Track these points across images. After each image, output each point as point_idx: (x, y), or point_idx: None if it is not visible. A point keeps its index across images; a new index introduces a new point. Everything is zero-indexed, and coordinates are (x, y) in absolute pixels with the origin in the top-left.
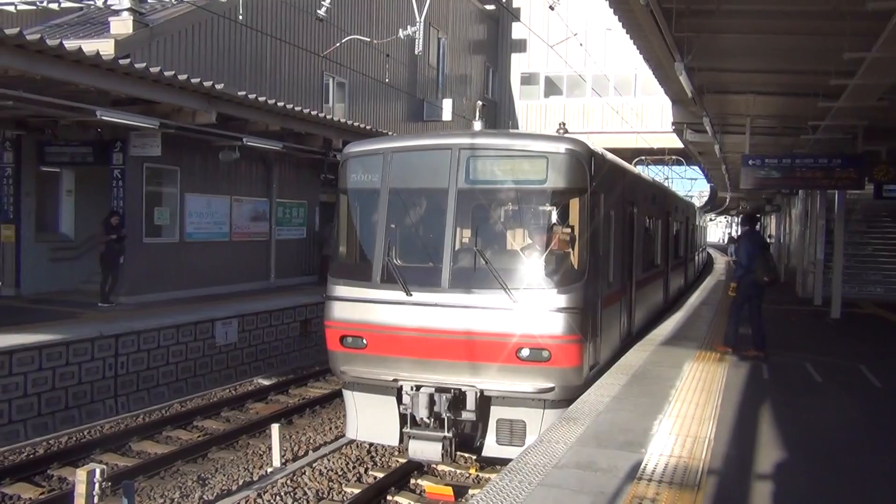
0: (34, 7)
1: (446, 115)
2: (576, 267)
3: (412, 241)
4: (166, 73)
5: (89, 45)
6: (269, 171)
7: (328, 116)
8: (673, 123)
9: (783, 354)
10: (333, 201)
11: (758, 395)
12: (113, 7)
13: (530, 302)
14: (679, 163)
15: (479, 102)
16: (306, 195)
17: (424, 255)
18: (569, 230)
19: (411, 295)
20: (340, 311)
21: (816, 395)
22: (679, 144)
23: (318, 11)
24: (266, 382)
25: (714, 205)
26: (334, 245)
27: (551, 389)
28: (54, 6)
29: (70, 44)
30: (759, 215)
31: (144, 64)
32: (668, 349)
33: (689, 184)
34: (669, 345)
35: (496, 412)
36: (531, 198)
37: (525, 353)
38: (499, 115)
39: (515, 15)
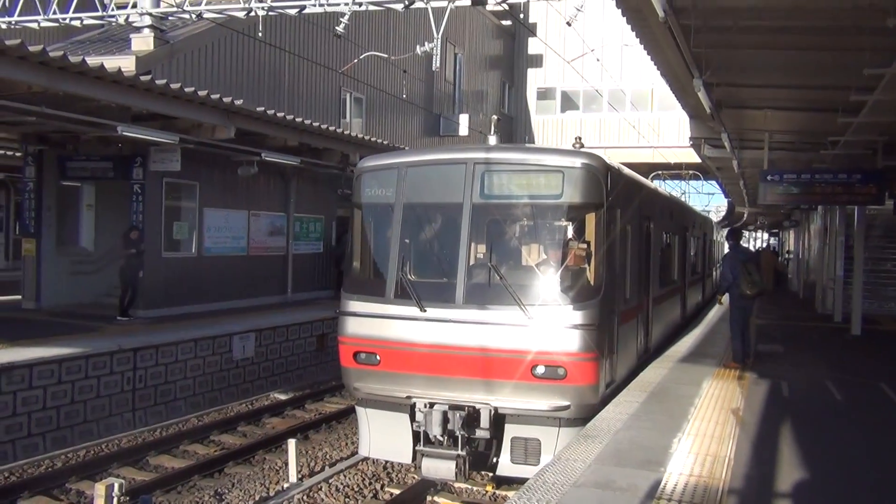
0: (57, 24)
1: (463, 130)
2: (592, 283)
3: (426, 257)
4: (186, 89)
5: (111, 62)
6: (287, 185)
7: (345, 132)
8: (691, 139)
9: (803, 372)
10: (349, 216)
11: (778, 413)
12: (134, 24)
13: (546, 318)
14: (696, 178)
15: (495, 117)
16: (323, 210)
17: (439, 270)
18: (585, 246)
19: (425, 311)
20: (354, 327)
21: (837, 414)
22: (696, 159)
23: (337, 28)
24: (282, 397)
25: (732, 220)
26: (348, 260)
27: (567, 407)
28: (77, 23)
29: (92, 60)
30: (743, 230)
31: (165, 80)
32: (686, 366)
33: (707, 199)
34: (688, 362)
35: (511, 430)
36: (547, 213)
37: (540, 370)
38: (515, 130)
39: (532, 30)
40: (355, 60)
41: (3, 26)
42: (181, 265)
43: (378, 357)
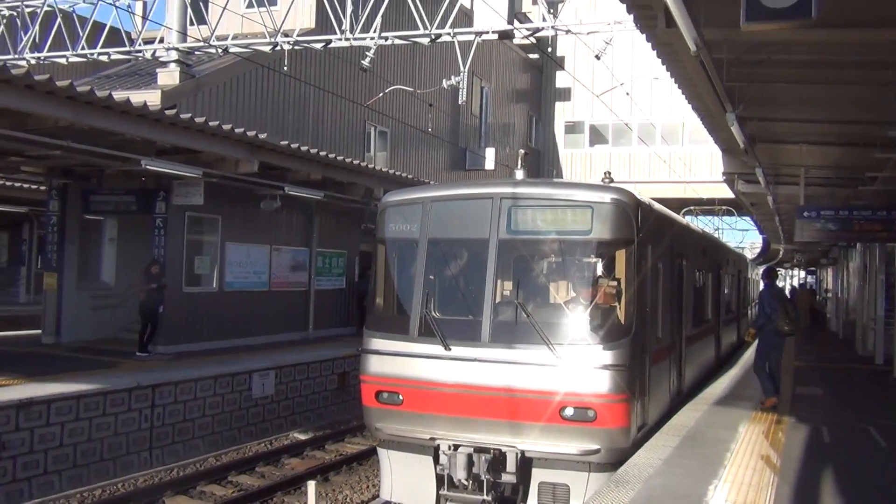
0: (85, 59)
1: (489, 164)
2: (622, 322)
3: (451, 293)
4: (211, 123)
5: (137, 96)
6: (310, 220)
7: (369, 165)
8: (724, 174)
9: (844, 416)
10: (373, 251)
11: (819, 460)
12: (161, 59)
13: (575, 358)
14: (730, 213)
15: (522, 151)
16: (346, 245)
17: (464, 307)
18: (615, 283)
19: (450, 349)
20: (376, 366)
21: (882, 461)
22: (729, 194)
23: (363, 62)
24: (302, 437)
25: (767, 257)
26: (371, 296)
27: (597, 451)
28: (104, 58)
29: (119, 95)
30: (778, 269)
31: (190, 114)
32: (721, 409)
33: (741, 235)
34: (723, 405)
35: (538, 475)
36: (575, 249)
37: (569, 412)
38: (542, 164)
39: (560, 64)
40: (381, 94)
41: (33, 61)
42: (202, 300)
43: (401, 397)
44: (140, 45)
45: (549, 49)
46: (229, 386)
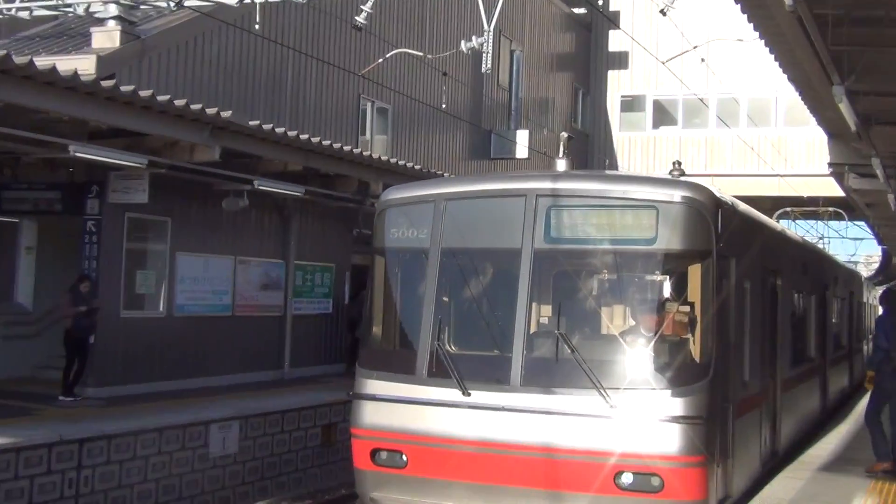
0: (0, 16)
1: (521, 150)
2: (697, 360)
3: (472, 321)
4: (160, 98)
5: (65, 63)
6: (287, 223)
7: (365, 153)
8: (830, 165)
9: None
10: (368, 264)
11: None
12: (97, 15)
13: (634, 407)
14: (838, 217)
15: (565, 134)
16: (334, 256)
17: (488, 339)
18: (687, 309)
19: (469, 395)
20: (372, 416)
21: None
22: (837, 192)
23: (357, 19)
24: None
25: (887, 275)
26: (367, 324)
27: None
28: (24, 14)
29: (41, 61)
30: None
31: (133, 86)
32: (830, 477)
33: (853, 246)
34: (832, 471)
35: None
36: (635, 263)
37: (627, 479)
38: (591, 152)
39: (614, 21)
40: (380, 60)
41: None
42: (145, 328)
43: (405, 457)
44: None
45: (601, 1)
46: (179, 441)
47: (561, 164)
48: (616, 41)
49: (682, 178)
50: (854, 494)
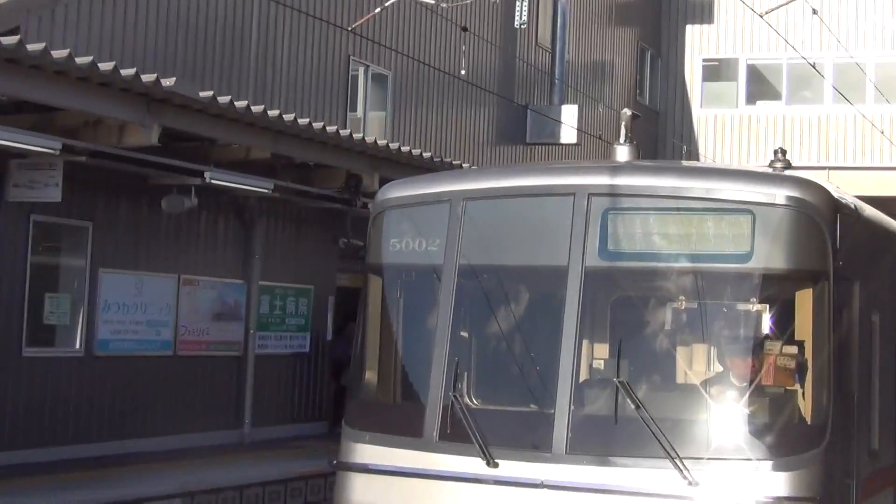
0: None
1: (568, 134)
2: (808, 419)
3: (499, 364)
4: (79, 61)
5: None
6: (250, 231)
7: (356, 135)
8: None
9: None
10: (360, 286)
11: None
12: None
13: (723, 485)
14: None
15: (627, 111)
16: (313, 276)
17: (522, 389)
18: (794, 350)
19: (497, 465)
20: (364, 494)
21: None
22: None
23: None
24: None
25: None
26: (356, 367)
27: None
28: None
29: None
30: None
31: (43, 44)
32: None
33: None
34: None
35: None
36: (723, 288)
37: None
38: (663, 134)
39: None
40: (377, 10)
41: None
42: (56, 372)
43: None
44: None
45: None
46: None
47: (622, 152)
48: None
49: (788, 173)
50: None
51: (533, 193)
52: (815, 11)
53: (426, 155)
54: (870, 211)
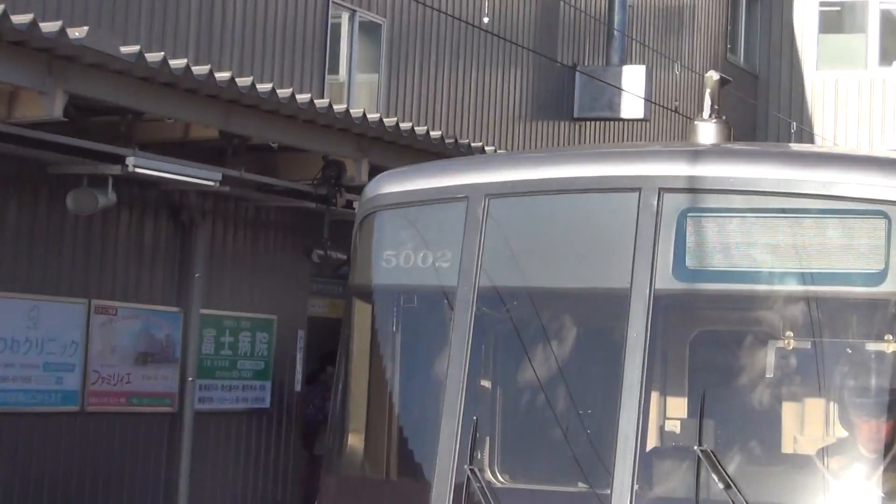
0: None
1: (631, 105)
2: None
3: (534, 425)
4: None
5: None
6: (188, 239)
7: (338, 107)
8: None
9: None
10: (341, 317)
11: None
12: None
13: None
14: None
15: (712, 74)
16: (277, 302)
17: (565, 462)
18: None
19: None
20: None
21: None
22: None
23: None
24: None
25: None
26: (335, 428)
27: None
28: None
29: None
30: None
31: None
32: None
33: None
34: None
35: None
36: (847, 319)
37: None
38: (763, 105)
39: None
40: None
41: None
42: None
43: None
44: None
45: None
46: None
47: (707, 131)
48: None
49: None
50: None
51: (582, 188)
52: None
53: (434, 134)
54: None
